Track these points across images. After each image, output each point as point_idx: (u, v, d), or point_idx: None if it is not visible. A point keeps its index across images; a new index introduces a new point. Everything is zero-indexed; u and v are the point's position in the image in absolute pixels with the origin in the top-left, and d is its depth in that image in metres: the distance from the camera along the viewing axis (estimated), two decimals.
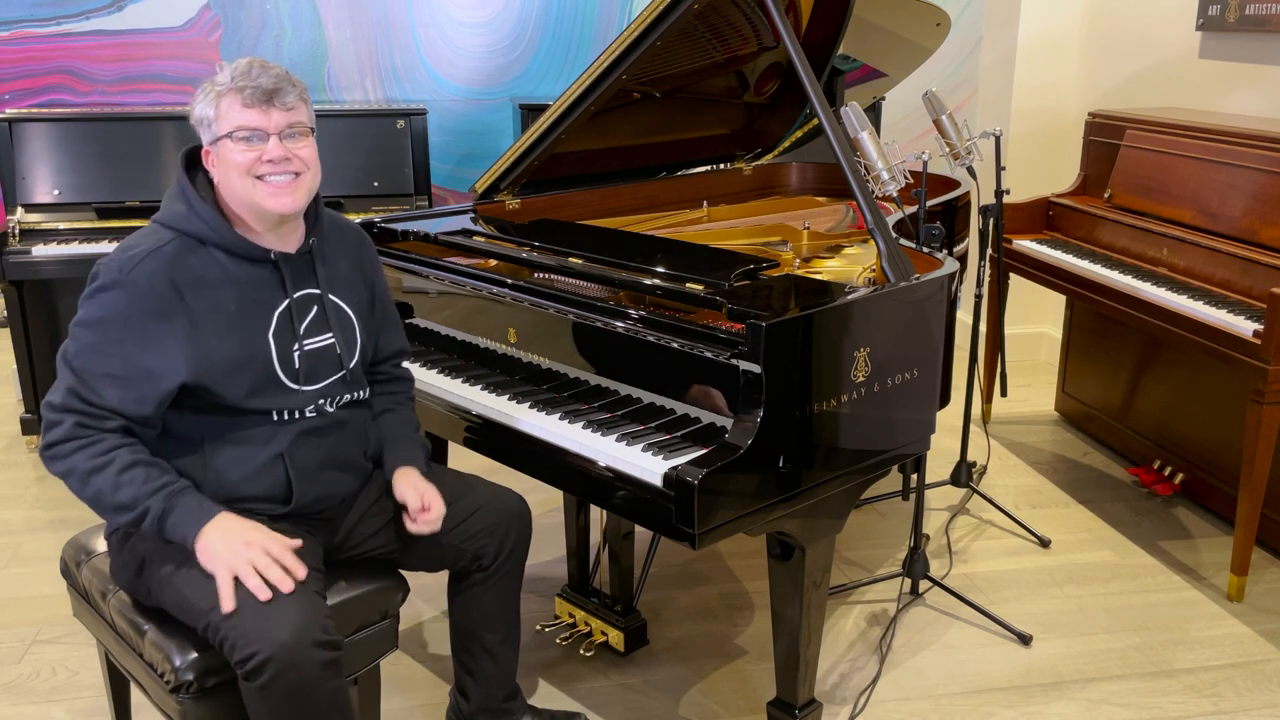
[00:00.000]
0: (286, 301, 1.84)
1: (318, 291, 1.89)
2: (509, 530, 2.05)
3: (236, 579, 1.67)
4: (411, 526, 1.94)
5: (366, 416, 2.01)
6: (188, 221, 1.78)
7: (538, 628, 2.62)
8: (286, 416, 1.85)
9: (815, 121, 3.20)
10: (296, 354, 1.85)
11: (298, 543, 1.76)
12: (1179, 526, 3.30)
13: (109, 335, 1.71)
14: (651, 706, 2.41)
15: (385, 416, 2.06)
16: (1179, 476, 3.41)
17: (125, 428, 1.74)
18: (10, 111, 3.64)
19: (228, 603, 1.64)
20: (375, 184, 3.89)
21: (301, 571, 1.70)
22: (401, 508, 1.96)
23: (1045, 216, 3.75)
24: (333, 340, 1.90)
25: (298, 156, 1.78)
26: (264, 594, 1.65)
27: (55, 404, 1.72)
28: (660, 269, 2.14)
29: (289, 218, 1.82)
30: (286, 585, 1.67)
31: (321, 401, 1.89)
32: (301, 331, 1.86)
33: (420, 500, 1.93)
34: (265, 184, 1.76)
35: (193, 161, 1.86)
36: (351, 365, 1.93)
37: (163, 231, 1.78)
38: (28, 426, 3.75)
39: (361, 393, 1.98)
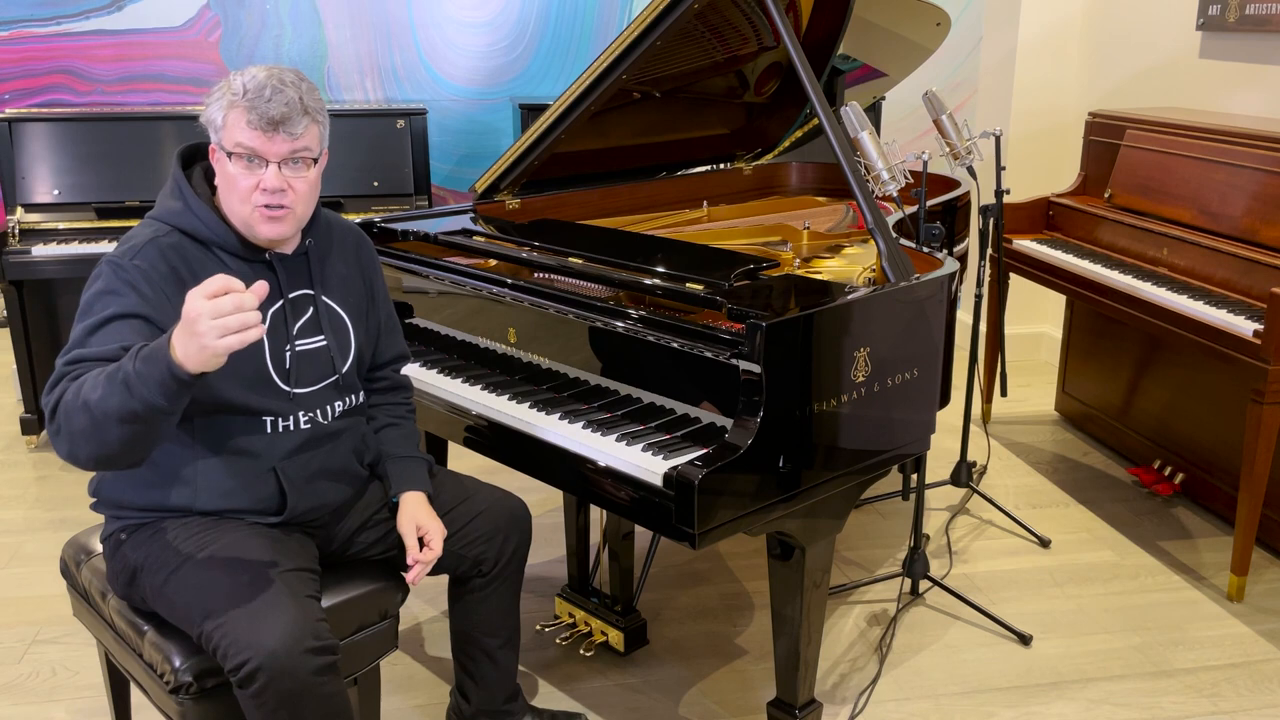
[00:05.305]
0: (280, 302, 1.83)
1: (312, 293, 1.88)
2: (509, 536, 2.04)
3: (230, 589, 1.65)
4: (408, 575, 1.93)
5: (362, 423, 1.99)
6: (183, 218, 1.77)
7: (538, 628, 2.62)
8: (280, 428, 1.82)
9: (815, 121, 3.21)
10: (288, 354, 1.83)
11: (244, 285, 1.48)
12: (1179, 526, 3.30)
13: (122, 298, 1.65)
14: (651, 706, 2.41)
15: (387, 431, 2.05)
16: (1179, 476, 3.41)
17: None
18: (10, 111, 3.64)
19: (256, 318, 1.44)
20: (375, 184, 3.89)
21: (252, 298, 1.45)
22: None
23: (1045, 216, 3.75)
24: (325, 343, 1.88)
25: (292, 189, 1.74)
26: (257, 333, 1.45)
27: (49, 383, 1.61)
28: (660, 269, 2.14)
29: (277, 243, 1.81)
30: (256, 330, 1.45)
31: (314, 412, 1.86)
32: (294, 332, 1.84)
33: (418, 539, 1.92)
34: (260, 209, 1.74)
35: (188, 160, 1.84)
36: (344, 370, 1.90)
37: (160, 225, 1.77)
38: (27, 426, 3.75)
39: (355, 398, 1.95)
